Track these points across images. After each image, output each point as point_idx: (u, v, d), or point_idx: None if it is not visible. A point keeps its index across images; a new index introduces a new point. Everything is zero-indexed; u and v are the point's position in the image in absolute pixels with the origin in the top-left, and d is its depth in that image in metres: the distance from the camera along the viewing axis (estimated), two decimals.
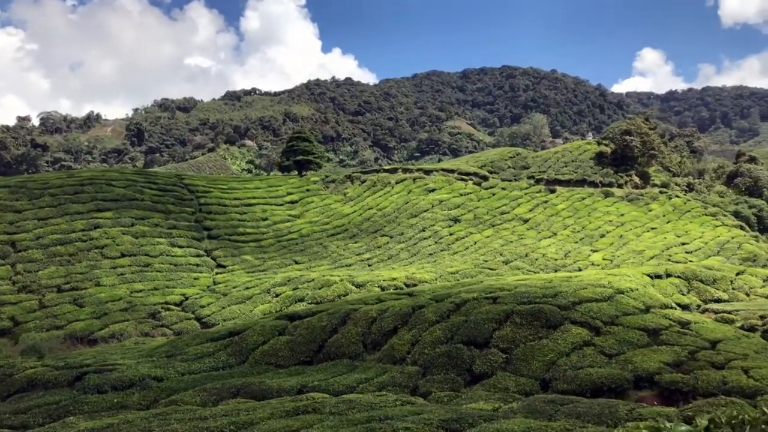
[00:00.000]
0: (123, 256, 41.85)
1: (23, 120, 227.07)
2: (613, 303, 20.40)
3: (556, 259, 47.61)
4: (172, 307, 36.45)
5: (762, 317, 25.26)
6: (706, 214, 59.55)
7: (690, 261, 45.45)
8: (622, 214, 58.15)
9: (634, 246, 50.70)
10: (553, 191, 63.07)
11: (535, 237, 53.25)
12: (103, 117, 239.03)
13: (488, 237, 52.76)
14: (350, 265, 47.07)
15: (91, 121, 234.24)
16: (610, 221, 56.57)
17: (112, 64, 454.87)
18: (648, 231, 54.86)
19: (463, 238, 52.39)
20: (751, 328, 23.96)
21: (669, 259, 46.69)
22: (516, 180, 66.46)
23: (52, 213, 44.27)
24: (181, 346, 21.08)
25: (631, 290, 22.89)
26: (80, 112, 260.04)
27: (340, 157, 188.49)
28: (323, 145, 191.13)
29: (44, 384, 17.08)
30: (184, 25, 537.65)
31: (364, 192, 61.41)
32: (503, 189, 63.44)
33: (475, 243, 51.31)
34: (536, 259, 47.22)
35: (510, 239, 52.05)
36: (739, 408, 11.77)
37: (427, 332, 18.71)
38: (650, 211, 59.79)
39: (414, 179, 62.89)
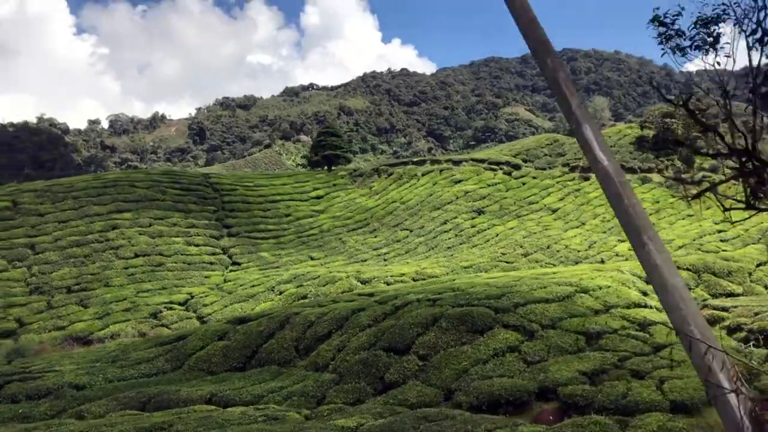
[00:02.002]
0: (137, 256, 42.65)
1: (93, 123, 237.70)
2: (565, 304, 19.10)
3: (578, 251, 45.55)
4: (176, 306, 36.76)
5: (756, 314, 23.21)
6: None
7: (724, 250, 42.55)
8: (657, 201, 55.22)
9: (665, 235, 47.94)
10: (587, 179, 60.52)
11: (562, 227, 51.21)
12: (168, 117, 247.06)
13: (512, 229, 51.09)
14: (365, 261, 46.49)
15: (156, 121, 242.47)
16: (644, 209, 53.70)
17: (177, 64, 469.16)
18: (683, 218, 51.87)
19: (485, 230, 50.94)
20: (738, 327, 22.03)
21: (699, 249, 43.89)
22: (550, 168, 64.16)
23: (73, 215, 45.58)
24: (128, 351, 21.12)
25: (599, 288, 21.42)
26: (149, 113, 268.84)
27: (394, 148, 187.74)
28: (376, 137, 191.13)
29: None
30: (245, 23, 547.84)
31: (390, 185, 60.66)
32: (534, 178, 61.38)
33: (497, 235, 49.78)
34: (558, 251, 45.32)
35: (534, 230, 50.22)
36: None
37: (356, 337, 18.01)
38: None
39: (441, 171, 61.67)
